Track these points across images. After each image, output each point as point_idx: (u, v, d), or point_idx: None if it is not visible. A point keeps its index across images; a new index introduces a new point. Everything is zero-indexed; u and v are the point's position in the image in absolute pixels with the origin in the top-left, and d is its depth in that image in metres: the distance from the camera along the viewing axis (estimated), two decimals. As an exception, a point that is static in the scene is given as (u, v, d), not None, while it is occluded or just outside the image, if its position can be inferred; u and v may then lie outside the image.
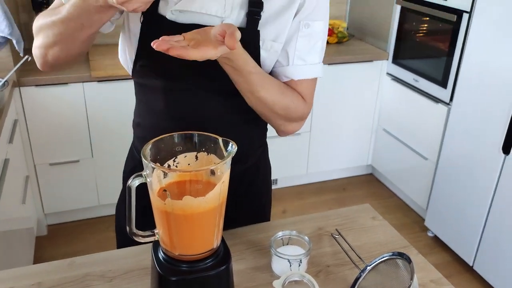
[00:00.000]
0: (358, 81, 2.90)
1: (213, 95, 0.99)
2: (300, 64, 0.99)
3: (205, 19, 0.93)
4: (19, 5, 2.55)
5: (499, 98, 2.08)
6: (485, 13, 2.12)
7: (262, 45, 0.95)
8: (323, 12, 0.99)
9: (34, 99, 2.28)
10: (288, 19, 0.95)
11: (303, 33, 0.97)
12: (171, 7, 0.93)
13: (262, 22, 0.94)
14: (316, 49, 1.01)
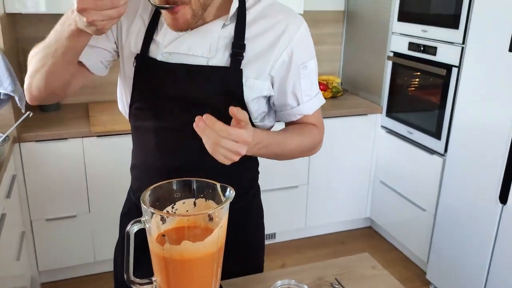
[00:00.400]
0: (353, 134, 2.95)
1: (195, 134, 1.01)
2: (308, 100, 1.11)
3: (192, 59, 1.01)
4: (22, 64, 2.63)
5: (492, 148, 2.11)
6: (473, 67, 2.19)
7: (245, 82, 1.03)
8: (311, 50, 1.10)
9: (33, 154, 2.30)
10: (270, 59, 1.04)
11: (303, 75, 1.08)
12: (162, 50, 1.02)
13: (244, 62, 1.02)
14: (315, 82, 1.13)
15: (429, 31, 2.48)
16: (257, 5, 1.05)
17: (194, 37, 1.01)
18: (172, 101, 1.01)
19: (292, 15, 1.07)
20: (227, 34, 1.02)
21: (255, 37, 1.02)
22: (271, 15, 1.04)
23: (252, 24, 1.03)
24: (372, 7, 2.98)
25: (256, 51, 1.02)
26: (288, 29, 1.03)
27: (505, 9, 1.99)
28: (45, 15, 2.59)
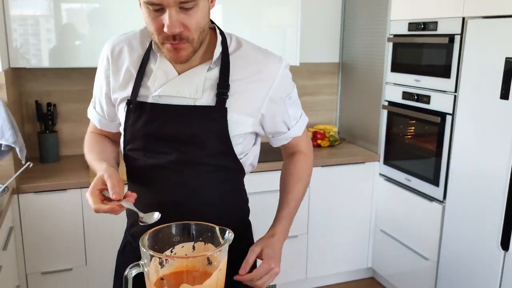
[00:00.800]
0: (352, 182, 2.96)
1: (190, 171, 1.13)
2: (295, 123, 1.25)
3: (180, 100, 1.11)
4: (24, 116, 2.67)
5: (491, 194, 2.11)
6: (467, 115, 2.24)
7: (230, 119, 1.12)
8: (291, 82, 1.22)
9: (31, 206, 2.29)
10: (255, 97, 1.14)
11: (289, 104, 1.21)
12: (152, 94, 1.12)
13: (229, 101, 1.11)
14: (298, 106, 1.26)
15: (421, 81, 2.55)
16: (239, 49, 1.15)
17: (182, 80, 1.11)
18: (162, 140, 1.11)
19: (271, 56, 1.18)
20: (212, 76, 1.11)
21: (239, 78, 1.12)
22: (253, 58, 1.15)
23: (236, 66, 1.13)
24: (365, 59, 3.08)
25: (240, 90, 1.12)
26: (269, 70, 1.15)
27: (494, 59, 2.06)
28: (49, 69, 2.67)
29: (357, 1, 3.12)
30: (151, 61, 1.14)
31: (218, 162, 1.15)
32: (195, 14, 1.00)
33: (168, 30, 0.98)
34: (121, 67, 1.17)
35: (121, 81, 1.16)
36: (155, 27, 1.01)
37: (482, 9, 2.14)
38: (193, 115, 1.10)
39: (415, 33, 2.56)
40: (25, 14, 2.34)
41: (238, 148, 1.17)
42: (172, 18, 0.97)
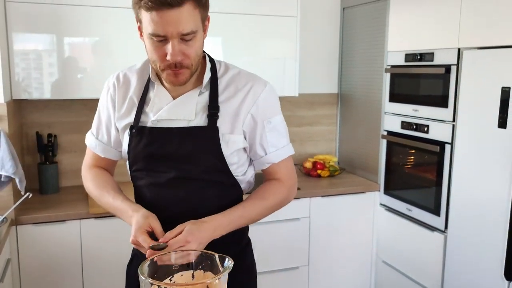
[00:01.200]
0: (352, 212, 2.94)
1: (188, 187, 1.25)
2: (274, 150, 1.31)
3: (176, 123, 1.24)
4: (24, 147, 2.68)
5: (492, 223, 2.10)
6: (465, 144, 2.25)
7: (221, 137, 1.24)
8: (275, 108, 1.32)
9: (30, 238, 2.27)
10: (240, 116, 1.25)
11: (268, 128, 1.29)
12: (151, 119, 1.25)
13: (220, 121, 1.24)
14: (282, 135, 1.33)
15: (420, 110, 2.57)
16: (227, 74, 1.29)
17: (177, 105, 1.24)
18: (161, 160, 1.24)
19: (257, 79, 1.30)
20: (203, 100, 1.25)
21: (227, 99, 1.26)
22: (239, 81, 1.28)
23: (224, 90, 1.27)
24: (364, 89, 3.11)
25: (229, 110, 1.25)
26: (253, 91, 1.26)
27: (490, 88, 2.08)
28: (50, 101, 2.69)
29: (355, 33, 3.18)
30: (150, 90, 1.29)
31: (214, 178, 1.26)
32: (194, 44, 1.14)
33: (171, 58, 1.12)
34: (125, 96, 1.31)
35: (125, 109, 1.30)
36: (158, 56, 1.14)
37: (477, 40, 2.19)
38: (188, 135, 1.22)
39: (412, 63, 2.60)
40: (28, 48, 2.39)
41: (234, 166, 1.28)
42: (175, 48, 1.11)
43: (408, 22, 2.63)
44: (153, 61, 1.18)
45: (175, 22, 1.08)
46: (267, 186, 1.34)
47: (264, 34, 2.82)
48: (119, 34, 2.48)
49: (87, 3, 2.41)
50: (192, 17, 1.11)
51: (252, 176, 1.38)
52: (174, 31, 1.09)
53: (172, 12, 1.07)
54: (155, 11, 1.08)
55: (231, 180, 1.29)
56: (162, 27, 1.09)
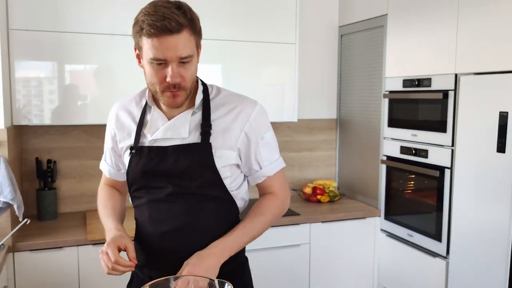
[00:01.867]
0: (353, 238, 2.91)
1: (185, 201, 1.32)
2: (268, 164, 1.41)
3: (172, 141, 1.34)
4: (23, 173, 2.68)
5: (494, 248, 2.08)
6: (465, 169, 2.25)
7: (214, 153, 1.32)
8: (266, 125, 1.42)
9: (27, 264, 2.24)
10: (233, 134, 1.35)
11: (261, 144, 1.39)
12: (149, 139, 1.36)
13: (212, 137, 1.33)
14: (275, 149, 1.44)
15: (418, 135, 2.58)
16: (219, 95, 1.40)
17: (172, 125, 1.34)
18: (158, 176, 1.33)
19: (247, 99, 1.40)
20: (196, 119, 1.35)
21: (219, 118, 1.35)
22: (231, 101, 1.38)
23: (216, 109, 1.36)
24: (363, 115, 3.13)
25: (221, 128, 1.34)
26: (244, 110, 1.36)
27: (488, 113, 2.10)
28: (50, 127, 2.70)
29: (353, 59, 3.22)
30: (147, 114, 1.40)
31: (209, 192, 1.34)
32: (190, 67, 1.26)
33: (171, 80, 1.22)
34: (126, 121, 1.43)
35: (126, 133, 1.42)
36: (158, 79, 1.24)
37: (474, 65, 2.22)
38: (183, 152, 1.31)
39: (410, 89, 2.62)
40: (29, 75, 2.41)
41: (227, 180, 1.36)
42: (174, 71, 1.22)
43: (405, 48, 2.67)
44: (153, 84, 1.27)
45: (174, 47, 1.19)
46: (263, 201, 1.43)
47: (263, 60, 2.85)
48: (120, 62, 2.51)
49: (89, 30, 2.45)
50: (189, 43, 1.22)
51: (246, 192, 1.46)
52: (174, 55, 1.20)
53: (172, 38, 1.18)
54: (156, 37, 1.18)
55: (226, 195, 1.37)
56: (162, 52, 1.19)
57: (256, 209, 1.41)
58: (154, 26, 1.17)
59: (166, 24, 1.17)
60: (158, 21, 1.17)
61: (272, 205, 1.42)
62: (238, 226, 1.35)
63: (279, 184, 1.45)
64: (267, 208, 1.41)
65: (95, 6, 2.45)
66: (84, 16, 2.43)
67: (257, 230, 1.37)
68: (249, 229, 1.36)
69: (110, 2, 2.47)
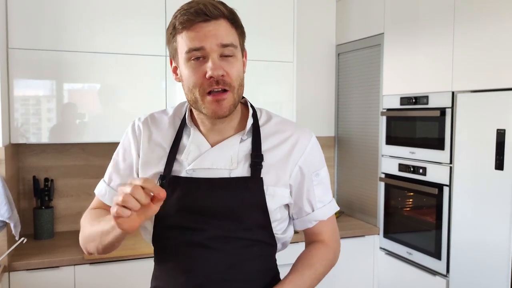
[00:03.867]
0: (352, 256, 2.89)
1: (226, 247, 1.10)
2: (321, 206, 1.21)
3: (215, 172, 1.11)
4: (20, 192, 2.66)
5: (494, 266, 2.06)
6: (463, 186, 2.25)
7: (266, 190, 1.11)
8: (322, 160, 1.23)
9: (23, 284, 2.21)
10: (286, 169, 1.15)
11: (316, 182, 1.19)
12: (186, 168, 1.12)
13: (264, 171, 1.12)
14: (328, 189, 1.23)
15: (416, 153, 2.58)
16: (269, 122, 1.20)
17: (216, 152, 1.12)
18: (197, 215, 1.08)
19: (302, 129, 1.22)
20: (245, 148, 1.14)
21: (271, 149, 1.15)
22: (283, 130, 1.19)
23: (267, 138, 1.16)
24: (360, 132, 3.14)
25: (273, 161, 1.14)
26: (299, 142, 1.18)
27: (486, 130, 2.10)
28: (48, 145, 2.70)
29: (350, 77, 3.24)
30: (184, 137, 1.16)
31: (254, 237, 1.13)
32: (235, 62, 1.07)
33: (213, 72, 1.02)
34: (154, 142, 1.17)
35: (153, 156, 1.16)
36: (198, 77, 1.05)
37: (470, 83, 2.23)
38: (229, 187, 1.09)
39: (407, 107, 2.64)
40: (27, 94, 2.42)
41: (275, 223, 1.15)
42: (215, 62, 1.03)
43: (401, 66, 2.69)
44: (191, 90, 1.07)
45: (213, 34, 1.03)
46: (312, 251, 1.21)
47: (261, 79, 2.87)
48: (118, 80, 2.52)
49: (88, 49, 2.46)
50: (230, 32, 1.06)
51: (290, 237, 1.25)
52: (214, 42, 1.03)
53: (210, 25, 1.03)
54: (191, 26, 1.03)
55: (271, 240, 1.17)
56: (199, 40, 1.03)
57: (305, 261, 1.19)
58: (187, 13, 1.03)
59: (201, 8, 1.03)
60: (192, 8, 1.04)
61: (323, 256, 1.21)
62: (285, 281, 1.13)
63: (331, 232, 1.25)
64: (317, 260, 1.20)
65: (94, 25, 2.47)
66: (83, 35, 2.45)
67: (307, 286, 1.16)
68: (297, 284, 1.13)
69: (109, 21, 2.49)
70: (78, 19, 2.44)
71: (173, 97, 2.61)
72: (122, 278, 2.34)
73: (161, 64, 2.56)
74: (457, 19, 2.30)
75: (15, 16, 2.33)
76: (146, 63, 2.53)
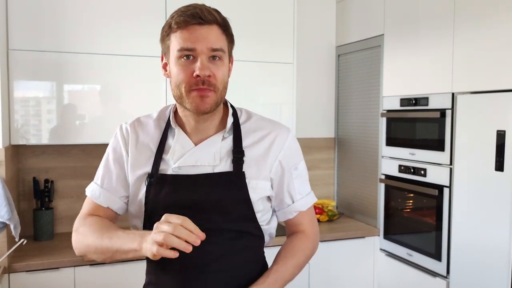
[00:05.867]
0: (352, 258, 2.89)
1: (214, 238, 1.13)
2: (300, 198, 1.29)
3: (200, 169, 1.19)
4: (20, 193, 2.66)
5: (495, 267, 2.06)
6: (464, 187, 2.25)
7: (248, 183, 1.19)
8: (299, 154, 1.31)
9: (23, 285, 2.20)
10: (266, 163, 1.23)
11: (295, 175, 1.27)
12: (172, 166, 1.19)
13: (245, 166, 1.20)
14: (306, 182, 1.32)
15: (417, 154, 2.58)
16: (250, 120, 1.28)
17: (200, 150, 1.20)
18: (184, 209, 1.11)
19: (281, 125, 1.29)
20: (227, 145, 1.21)
21: (251, 145, 1.23)
22: (262, 127, 1.27)
23: (248, 135, 1.24)
24: (360, 134, 3.14)
25: (254, 156, 1.22)
26: (278, 138, 1.25)
27: (486, 131, 2.10)
28: (48, 146, 2.70)
29: (350, 79, 3.24)
30: (169, 138, 1.24)
31: (241, 228, 1.19)
32: (221, 66, 1.15)
33: (200, 72, 1.11)
34: (141, 145, 1.25)
35: (141, 158, 1.23)
36: (185, 75, 1.13)
37: (470, 85, 2.23)
38: (214, 182, 1.17)
39: (407, 108, 2.64)
40: (28, 95, 2.42)
41: (259, 214, 1.23)
42: (203, 63, 1.12)
43: (402, 67, 2.69)
44: (178, 85, 1.15)
45: (205, 38, 1.12)
46: (294, 241, 1.29)
47: (261, 80, 2.87)
48: (119, 82, 2.52)
49: (88, 51, 2.46)
50: (220, 38, 1.15)
51: (274, 228, 1.33)
52: (204, 46, 1.11)
53: (203, 29, 1.11)
54: (186, 27, 1.12)
55: (258, 231, 1.24)
56: (192, 42, 1.11)
57: (288, 251, 1.27)
58: (184, 15, 1.12)
59: (197, 12, 1.12)
60: (189, 11, 1.12)
61: (304, 246, 1.29)
62: (271, 271, 1.21)
63: (310, 222, 1.33)
64: (299, 250, 1.28)
65: (94, 26, 2.47)
66: (83, 37, 2.45)
67: (290, 274, 1.23)
68: (282, 273, 1.21)
69: (109, 23, 2.49)
70: (78, 20, 2.44)
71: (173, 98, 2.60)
72: (122, 279, 2.34)
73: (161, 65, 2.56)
74: (457, 20, 2.30)
75: (15, 17, 2.33)
76: (146, 64, 2.53)
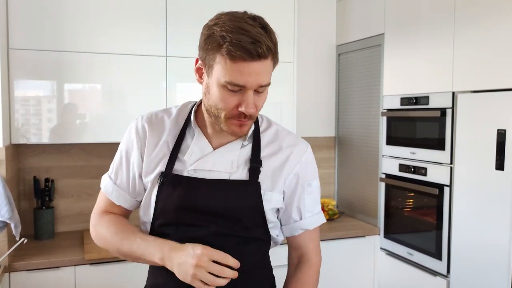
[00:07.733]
0: (352, 257, 2.89)
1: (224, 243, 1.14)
2: (309, 216, 1.27)
3: (216, 174, 1.16)
4: (21, 192, 2.66)
5: (495, 267, 2.06)
6: (464, 186, 2.25)
7: (263, 194, 1.17)
8: (315, 171, 1.28)
9: (23, 285, 2.21)
10: (281, 176, 1.20)
11: (307, 191, 1.25)
12: (188, 168, 1.17)
13: (261, 177, 1.18)
14: (317, 200, 1.29)
15: (417, 153, 2.58)
16: (270, 129, 1.25)
17: (218, 155, 1.18)
18: (197, 213, 1.14)
19: (300, 140, 1.27)
20: (245, 153, 1.19)
21: (269, 156, 1.21)
22: (281, 138, 1.24)
23: (267, 145, 1.22)
24: (361, 133, 3.14)
25: (270, 167, 1.20)
26: (296, 151, 1.23)
27: (486, 131, 2.10)
28: (48, 145, 2.70)
29: (350, 78, 3.24)
30: (187, 137, 1.21)
31: (252, 235, 1.19)
32: (263, 96, 1.12)
33: (246, 110, 1.07)
34: (158, 141, 1.21)
35: (156, 155, 1.20)
36: (228, 105, 1.08)
37: (471, 84, 2.23)
38: (229, 189, 1.15)
39: (408, 107, 2.64)
40: (28, 95, 2.42)
41: (271, 225, 1.23)
42: (251, 100, 1.07)
43: (402, 66, 2.69)
44: (218, 109, 1.10)
45: (257, 74, 1.04)
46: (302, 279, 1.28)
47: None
48: (119, 81, 2.52)
49: (89, 50, 2.46)
50: (270, 71, 1.10)
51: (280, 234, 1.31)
52: (254, 82, 1.05)
53: (257, 64, 1.04)
54: (242, 61, 1.02)
55: (267, 236, 1.23)
56: (243, 78, 1.04)
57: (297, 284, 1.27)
58: (243, 50, 1.01)
59: (257, 49, 1.02)
60: (247, 43, 1.01)
61: (311, 279, 1.28)
62: None
63: (315, 248, 1.31)
64: (305, 280, 1.27)
65: (95, 25, 2.47)
66: (84, 36, 2.45)
67: None
68: None
69: (110, 22, 2.49)
70: (78, 19, 2.44)
71: (174, 97, 2.61)
72: (122, 279, 2.34)
73: (161, 64, 2.56)
74: (457, 19, 2.30)
75: (15, 16, 2.33)
76: (146, 64, 2.53)
